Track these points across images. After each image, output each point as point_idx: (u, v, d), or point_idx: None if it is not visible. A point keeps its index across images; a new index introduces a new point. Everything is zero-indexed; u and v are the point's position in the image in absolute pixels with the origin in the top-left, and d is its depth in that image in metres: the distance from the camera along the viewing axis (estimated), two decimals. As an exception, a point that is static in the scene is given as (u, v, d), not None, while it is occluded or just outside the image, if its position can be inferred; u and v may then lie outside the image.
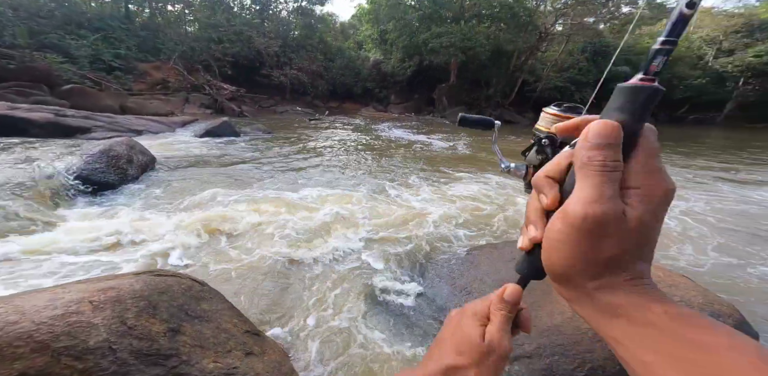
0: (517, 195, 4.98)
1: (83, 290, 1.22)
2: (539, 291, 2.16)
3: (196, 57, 16.40)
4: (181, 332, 1.39)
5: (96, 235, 2.78)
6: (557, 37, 18.64)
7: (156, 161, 4.99)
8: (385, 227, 3.53)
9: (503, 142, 11.17)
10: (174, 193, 3.97)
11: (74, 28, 13.80)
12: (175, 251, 2.71)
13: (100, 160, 3.80)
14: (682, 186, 6.15)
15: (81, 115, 6.89)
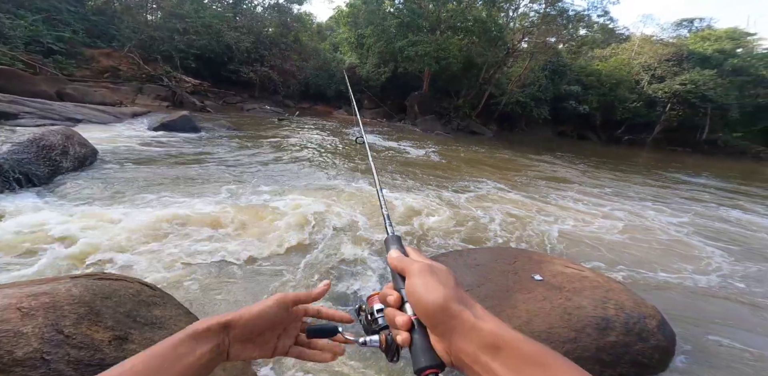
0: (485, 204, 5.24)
1: (10, 295, 1.08)
2: (498, 297, 2.27)
3: (156, 47, 15.27)
4: (130, 340, 1.28)
5: (15, 233, 2.44)
6: (522, 54, 19.66)
7: (98, 154, 4.51)
8: (344, 230, 3.50)
9: (468, 151, 11.71)
10: (115, 190, 3.63)
11: (11, 7, 12.37)
12: (114, 254, 2.47)
13: (27, 150, 3.35)
14: (619, 204, 6.85)
15: (6, 99, 6.06)
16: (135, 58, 14.23)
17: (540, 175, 8.80)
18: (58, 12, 13.76)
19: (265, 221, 3.37)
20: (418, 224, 3.97)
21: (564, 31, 19.02)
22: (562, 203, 5.90)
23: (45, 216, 2.75)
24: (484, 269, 2.63)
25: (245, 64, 17.49)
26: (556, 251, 3.85)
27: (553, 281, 2.38)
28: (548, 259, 2.81)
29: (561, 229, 4.49)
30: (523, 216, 4.80)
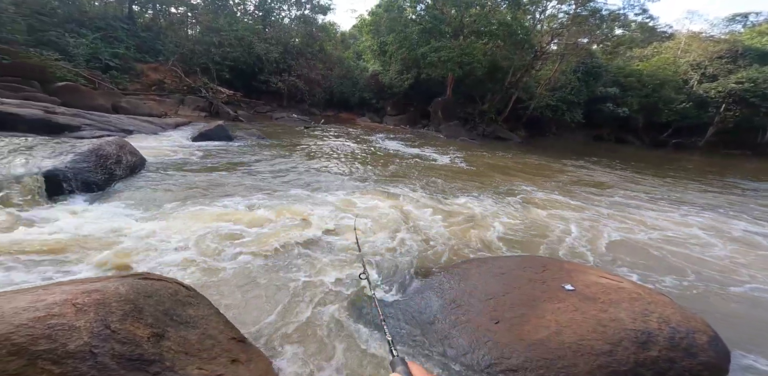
0: (510, 212, 5.06)
1: (67, 292, 1.19)
2: (525, 306, 2.17)
3: (196, 60, 16.38)
4: (166, 338, 1.36)
5: (73, 235, 2.70)
6: (552, 56, 18.85)
7: (146, 163, 4.91)
8: (373, 237, 3.52)
9: (496, 157, 11.40)
10: (160, 196, 3.91)
11: (75, 27, 13.80)
12: (157, 256, 2.65)
13: (88, 159, 3.72)
14: (669, 212, 6.34)
15: (71, 112, 6.77)
16: (177, 71, 15.30)
17: (576, 180, 8.38)
18: (113, 30, 15.10)
19: (293, 226, 3.48)
20: (442, 230, 3.90)
21: (597, 32, 17.95)
22: (600, 210, 5.56)
23: (100, 220, 3.03)
24: (509, 277, 2.54)
25: (274, 74, 18.28)
26: (590, 260, 3.62)
27: (586, 291, 2.25)
28: (581, 268, 2.67)
29: (598, 237, 4.22)
30: (554, 223, 4.58)
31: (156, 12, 18.75)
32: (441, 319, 2.23)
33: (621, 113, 20.44)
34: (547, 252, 3.69)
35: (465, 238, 3.81)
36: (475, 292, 2.42)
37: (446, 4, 17.53)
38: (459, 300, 2.36)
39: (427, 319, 2.28)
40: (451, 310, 2.29)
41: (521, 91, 19.02)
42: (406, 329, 2.24)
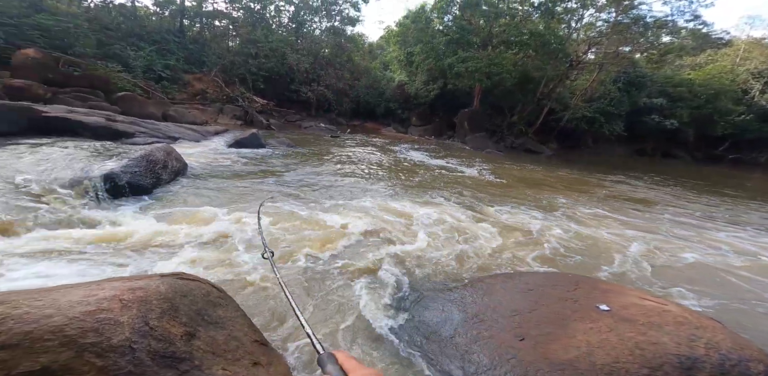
0: (539, 226, 4.85)
1: (115, 288, 1.28)
2: (553, 325, 2.07)
3: (235, 70, 17.42)
4: (197, 337, 1.41)
5: (122, 234, 2.94)
6: (589, 66, 18.12)
7: (188, 168, 5.28)
8: (397, 245, 3.51)
9: (526, 170, 11.02)
10: (200, 201, 4.16)
11: (135, 40, 15.30)
12: (194, 257, 2.80)
13: (139, 164, 4.07)
14: (728, 232, 5.79)
15: (128, 120, 7.47)
16: (218, 81, 16.35)
17: (616, 195, 7.89)
18: (166, 43, 16.48)
19: (320, 232, 3.56)
20: (468, 243, 3.81)
21: (641, 40, 16.85)
22: (645, 227, 5.19)
23: (147, 221, 3.28)
24: (537, 294, 2.43)
25: (304, 84, 19.02)
26: (631, 280, 3.38)
27: (623, 312, 2.10)
28: (619, 289, 2.50)
29: (643, 256, 3.93)
30: (589, 240, 4.32)
31: (202, 25, 20.27)
32: (462, 333, 2.16)
33: (668, 126, 19.05)
34: (580, 270, 3.48)
35: (492, 251, 3.69)
36: (499, 307, 2.33)
37: (474, 14, 17.47)
38: (482, 315, 2.28)
39: (447, 332, 2.21)
40: (472, 324, 2.22)
41: (554, 102, 18.32)
42: (424, 341, 2.18)
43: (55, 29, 11.78)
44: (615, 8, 16.17)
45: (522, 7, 17.72)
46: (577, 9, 17.38)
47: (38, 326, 1.01)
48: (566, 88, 19.30)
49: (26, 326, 0.99)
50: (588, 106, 18.00)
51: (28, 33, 11.24)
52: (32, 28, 11.38)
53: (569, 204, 6.25)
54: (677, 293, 3.17)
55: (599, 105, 18.12)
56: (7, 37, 10.67)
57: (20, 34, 11.05)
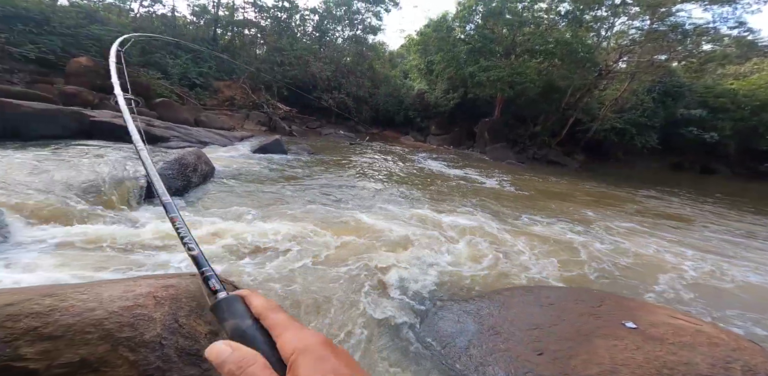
0: (563, 239, 4.68)
1: (151, 284, 1.36)
2: (574, 341, 1.98)
3: (261, 78, 18.04)
4: (219, 336, 1.48)
5: (155, 234, 3.11)
6: (619, 75, 17.26)
7: (215, 171, 5.52)
8: (412, 256, 3.49)
9: (550, 182, 10.69)
10: (226, 204, 4.33)
11: (173, 49, 16.32)
12: (216, 256, 2.91)
13: (173, 167, 4.31)
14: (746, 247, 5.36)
15: (164, 125, 7.95)
16: (246, 88, 16.97)
17: (649, 211, 7.51)
18: (200, 50, 17.43)
19: (343, 238, 3.61)
20: (488, 254, 3.72)
21: (679, 48, 15.92)
22: (681, 244, 4.90)
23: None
24: (558, 308, 2.37)
25: (326, 91, 19.43)
26: (664, 298, 3.20)
27: (652, 331, 1.99)
28: (648, 306, 2.40)
29: (678, 274, 3.72)
30: (620, 255, 4.11)
31: (233, 34, 21.27)
32: (477, 345, 2.12)
33: (708, 139, 17.78)
34: (609, 287, 3.31)
35: (512, 264, 3.59)
36: (516, 321, 2.28)
37: (497, 23, 17.33)
38: (498, 328, 2.24)
39: (462, 343, 2.18)
40: (488, 336, 2.17)
41: (581, 112, 17.63)
42: (437, 350, 2.16)
43: (106, 39, 12.83)
44: (650, 16, 15.53)
45: (548, 16, 17.41)
46: (607, 17, 16.84)
47: (81, 318, 1.07)
48: (594, 98, 18.59)
49: (71, 318, 1.06)
50: (618, 117, 17.16)
51: (83, 42, 12.31)
52: (86, 38, 12.46)
53: (600, 218, 6.00)
54: (716, 314, 2.96)
55: (631, 116, 17.20)
56: (64, 46, 11.72)
57: (76, 44, 12.12)
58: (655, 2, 14.54)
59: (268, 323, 0.37)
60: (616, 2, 15.82)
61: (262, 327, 0.37)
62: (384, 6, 22.56)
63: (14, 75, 9.91)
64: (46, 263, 2.38)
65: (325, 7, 21.86)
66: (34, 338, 0.96)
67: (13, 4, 11.06)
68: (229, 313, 0.38)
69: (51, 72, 10.92)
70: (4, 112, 5.21)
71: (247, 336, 0.36)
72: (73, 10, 13.44)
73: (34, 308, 1.04)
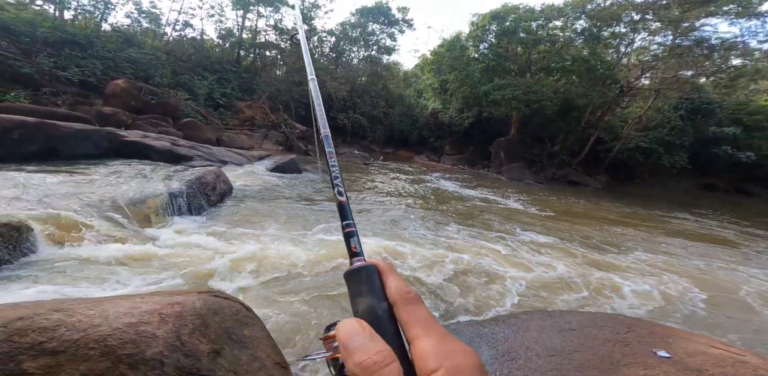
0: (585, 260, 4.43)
1: (158, 302, 1.36)
2: (597, 369, 1.81)
3: (280, 98, 18.83)
4: (221, 355, 1.42)
5: (172, 250, 3.18)
6: (643, 92, 16.88)
7: (233, 190, 5.68)
8: (427, 275, 3.39)
9: (572, 203, 10.33)
10: (242, 222, 4.42)
11: (201, 70, 17.38)
12: (228, 275, 2.93)
13: (193, 185, 4.47)
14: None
15: (188, 145, 8.36)
16: (265, 108, 17.66)
17: (685, 233, 7.14)
18: (225, 72, 18.40)
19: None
20: (509, 275, 3.56)
21: (706, 63, 15.42)
22: (719, 265, 4.62)
23: (196, 239, 3.54)
24: (580, 334, 2.21)
25: (341, 111, 20.00)
26: (704, 326, 2.98)
27: (688, 360, 1.81)
28: (683, 334, 2.19)
29: (712, 301, 3.44)
30: (651, 279, 3.85)
31: (255, 55, 22.60)
32: (490, 371, 1.99)
33: (744, 158, 16.90)
34: (633, 312, 3.07)
35: (532, 286, 3.41)
36: (534, 346, 2.14)
37: (512, 42, 17.51)
38: (513, 353, 2.11)
39: None
40: (503, 362, 2.04)
41: (602, 131, 17.15)
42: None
43: (141, 61, 13.91)
44: (672, 31, 15.28)
45: (563, 34, 17.50)
46: (626, 33, 16.68)
47: (85, 334, 1.07)
48: (616, 116, 18.10)
49: (76, 333, 1.07)
50: (643, 136, 16.56)
51: (121, 65, 13.42)
52: (124, 61, 13.58)
53: (627, 240, 5.73)
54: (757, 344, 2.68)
55: (657, 134, 16.56)
56: (104, 69, 12.80)
57: (114, 67, 13.23)
58: (677, 17, 14.36)
59: (404, 316, 0.31)
60: (634, 18, 15.74)
61: (394, 316, 0.31)
62: (398, 27, 23.57)
63: (59, 97, 10.85)
64: (68, 278, 2.47)
65: (341, 28, 23.05)
66: (37, 353, 0.97)
67: (63, 30, 12.22)
68: (366, 286, 0.33)
69: (91, 94, 11.90)
70: (47, 133, 5.67)
71: (380, 323, 0.30)
72: (114, 34, 14.75)
73: (42, 322, 1.05)
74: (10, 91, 9.49)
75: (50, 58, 11.26)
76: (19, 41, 11.01)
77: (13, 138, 5.25)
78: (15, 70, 10.10)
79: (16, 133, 5.28)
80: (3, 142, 5.14)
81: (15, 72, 10.12)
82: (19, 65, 10.21)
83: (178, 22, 19.40)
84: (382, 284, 0.33)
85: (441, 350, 0.27)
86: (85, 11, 15.56)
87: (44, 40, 11.55)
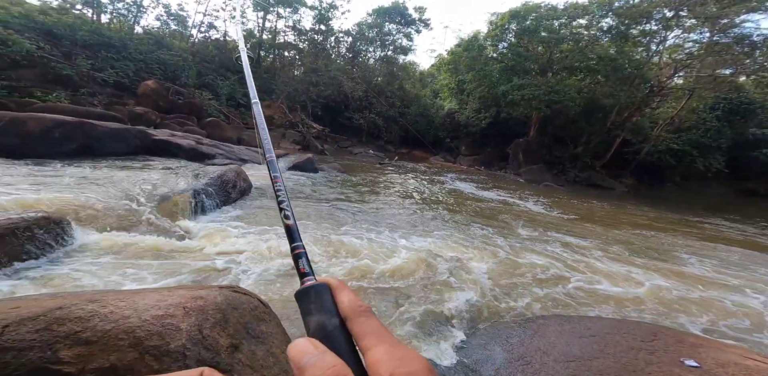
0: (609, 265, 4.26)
1: (183, 295, 1.41)
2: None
3: (298, 97, 19.09)
4: (239, 350, 1.45)
5: (196, 244, 3.31)
6: (676, 92, 16.03)
7: (252, 188, 5.83)
8: (441, 279, 3.35)
9: (595, 207, 9.93)
10: (261, 219, 4.52)
11: (224, 71, 17.92)
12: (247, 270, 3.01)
13: (215, 183, 4.63)
14: None
15: (211, 143, 8.67)
16: (283, 107, 17.94)
17: (724, 239, 6.80)
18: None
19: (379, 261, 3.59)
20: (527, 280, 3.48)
21: (747, 61, 14.45)
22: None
23: (217, 234, 3.67)
24: (601, 340, 2.13)
25: (357, 111, 20.06)
26: (741, 338, 2.81)
27: (718, 371, 1.72)
28: (715, 344, 2.09)
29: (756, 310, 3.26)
30: (689, 289, 3.68)
31: (275, 56, 23.08)
32: (504, 374, 1.97)
33: (786, 162, 15.66)
34: (659, 319, 2.93)
35: (553, 290, 3.31)
36: (551, 351, 2.08)
37: (532, 41, 17.02)
38: (529, 357, 2.06)
39: (487, 372, 2.03)
40: (518, 366, 2.01)
41: (629, 132, 16.36)
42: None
43: (170, 63, 14.53)
44: (709, 28, 14.39)
45: (588, 32, 16.88)
46: (658, 31, 15.84)
47: (116, 325, 1.12)
48: (645, 117, 17.22)
49: (108, 324, 1.12)
50: (675, 138, 15.69)
51: (151, 66, 14.08)
52: (155, 62, 14.25)
53: (662, 243, 5.52)
54: None
55: (690, 136, 15.65)
56: (137, 70, 13.46)
57: (146, 68, 13.91)
58: (714, 14, 13.53)
59: (357, 328, 0.31)
60: (667, 15, 14.95)
61: (347, 330, 0.32)
62: (415, 27, 23.44)
63: (95, 97, 11.52)
64: (104, 269, 2.62)
65: (358, 29, 23.16)
66: (73, 342, 1.02)
67: (99, 33, 12.99)
68: (316, 305, 0.33)
69: (124, 94, 12.56)
70: (85, 131, 6.03)
71: (332, 339, 0.31)
72: (146, 37, 15.47)
73: (78, 312, 1.12)
74: (52, 91, 10.16)
75: (88, 60, 11.98)
76: (60, 44, 11.76)
77: (54, 136, 5.62)
78: (57, 72, 10.80)
79: (57, 132, 5.65)
80: (45, 140, 5.51)
81: (57, 73, 10.81)
82: (61, 67, 10.90)
83: (203, 23, 20.13)
84: (333, 301, 0.34)
85: (393, 358, 0.28)
86: (119, 15, 16.39)
87: (83, 43, 12.30)
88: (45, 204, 3.11)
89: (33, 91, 9.68)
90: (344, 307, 0.33)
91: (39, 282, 2.29)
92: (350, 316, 0.33)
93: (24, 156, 5.18)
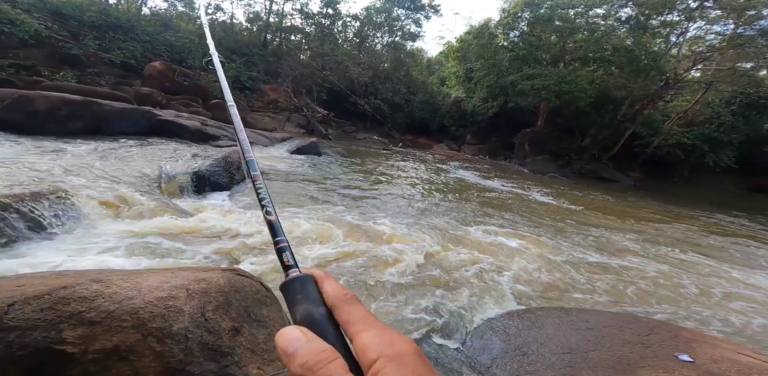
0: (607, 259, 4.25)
1: (186, 277, 1.41)
2: (613, 369, 1.78)
3: (303, 82, 18.82)
4: (241, 333, 1.45)
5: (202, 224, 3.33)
6: (692, 85, 15.44)
7: (256, 170, 5.82)
8: (443, 268, 3.37)
9: (603, 200, 9.84)
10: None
11: (230, 54, 17.72)
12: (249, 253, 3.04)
13: (219, 164, 4.65)
14: None
15: (216, 125, 8.63)
16: (289, 91, 17.73)
17: (733, 235, 6.75)
18: (252, 56, 18.67)
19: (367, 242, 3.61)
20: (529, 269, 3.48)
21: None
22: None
23: (220, 215, 3.70)
24: (598, 333, 2.18)
25: (362, 96, 19.73)
26: (739, 334, 2.86)
27: (711, 366, 1.76)
28: (710, 340, 2.13)
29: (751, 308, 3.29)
30: (683, 283, 3.68)
31: (281, 39, 22.63)
32: (500, 365, 2.00)
33: (801, 159, 15.26)
34: (659, 315, 2.95)
35: (554, 282, 3.33)
36: (547, 342, 2.12)
37: (545, 30, 16.42)
38: (526, 348, 2.11)
39: (484, 361, 2.06)
40: (514, 357, 2.05)
41: (639, 125, 15.96)
42: (453, 367, 2.06)
43: (176, 44, 14.33)
44: (734, 19, 13.74)
45: (605, 22, 16.21)
46: (679, 22, 15.15)
47: (120, 306, 1.12)
48: (658, 110, 16.78)
49: (111, 305, 1.12)
50: (687, 132, 15.29)
51: (158, 48, 13.91)
52: (161, 44, 14.07)
53: (667, 238, 5.48)
54: None
55: (703, 131, 15.22)
56: (144, 51, 13.31)
57: (152, 49, 13.76)
58: (742, 5, 12.88)
59: (344, 316, 0.32)
60: (691, 6, 14.25)
61: (334, 319, 0.32)
62: (424, 13, 22.68)
63: (102, 78, 11.43)
64: (107, 245, 2.66)
65: (366, 13, 22.47)
66: (77, 323, 1.02)
67: (107, 14, 12.85)
68: (302, 295, 0.34)
69: (130, 75, 12.45)
70: (92, 110, 6.01)
71: (319, 326, 0.31)
72: (153, 18, 15.19)
73: (82, 292, 1.12)
74: (59, 71, 10.08)
75: (96, 40, 11.89)
76: (68, 24, 11.61)
77: (62, 114, 5.62)
78: (65, 52, 10.72)
79: (65, 110, 5.65)
80: (53, 118, 5.52)
81: (65, 53, 10.74)
82: (68, 47, 10.80)
83: (210, 5, 19.61)
84: (319, 292, 0.35)
85: (380, 341, 0.28)
86: (128, -5, 16.02)
87: (91, 24, 12.15)
88: (50, 181, 3.13)
89: (41, 70, 9.63)
90: (330, 296, 0.34)
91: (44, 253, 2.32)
92: (336, 305, 0.33)
93: (31, 133, 5.20)
